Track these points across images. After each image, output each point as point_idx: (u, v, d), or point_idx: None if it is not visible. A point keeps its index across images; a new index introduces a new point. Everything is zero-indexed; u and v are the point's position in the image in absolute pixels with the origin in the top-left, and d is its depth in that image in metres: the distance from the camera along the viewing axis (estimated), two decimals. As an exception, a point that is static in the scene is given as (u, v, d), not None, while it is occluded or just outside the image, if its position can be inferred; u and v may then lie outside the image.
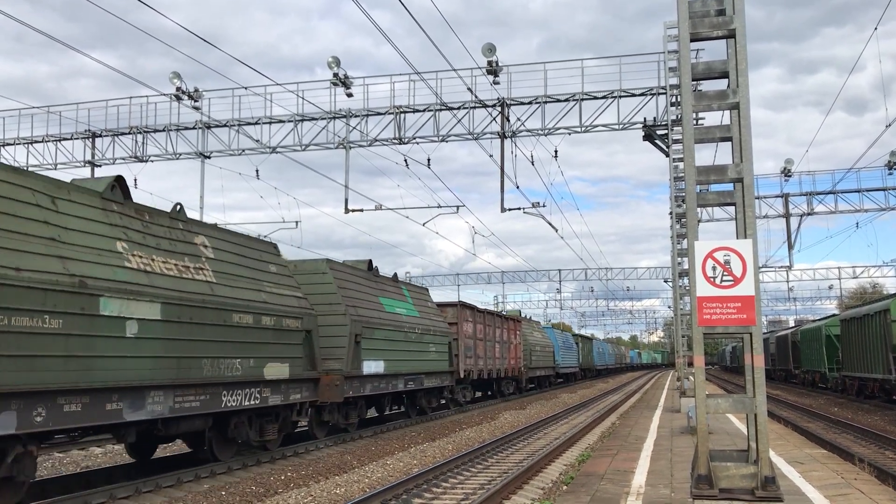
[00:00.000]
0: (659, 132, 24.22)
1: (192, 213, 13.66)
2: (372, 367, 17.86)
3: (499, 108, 24.79)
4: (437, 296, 46.78)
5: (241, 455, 13.93)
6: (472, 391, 29.41)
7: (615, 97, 24.24)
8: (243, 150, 27.14)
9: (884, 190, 33.41)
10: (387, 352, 18.77)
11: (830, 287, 74.14)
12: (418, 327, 21.33)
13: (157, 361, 10.59)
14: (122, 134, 28.16)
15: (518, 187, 25.89)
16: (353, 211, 26.33)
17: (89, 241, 9.88)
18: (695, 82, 7.49)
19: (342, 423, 17.53)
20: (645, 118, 24.22)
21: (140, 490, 10.87)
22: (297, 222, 29.57)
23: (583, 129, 24.56)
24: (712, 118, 23.87)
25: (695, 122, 23.44)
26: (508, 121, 24.74)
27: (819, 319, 46.43)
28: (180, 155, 27.82)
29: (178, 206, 12.45)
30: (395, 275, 22.14)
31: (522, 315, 50.13)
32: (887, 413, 24.86)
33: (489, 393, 36.19)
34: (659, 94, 23.97)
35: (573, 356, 57.11)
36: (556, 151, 26.19)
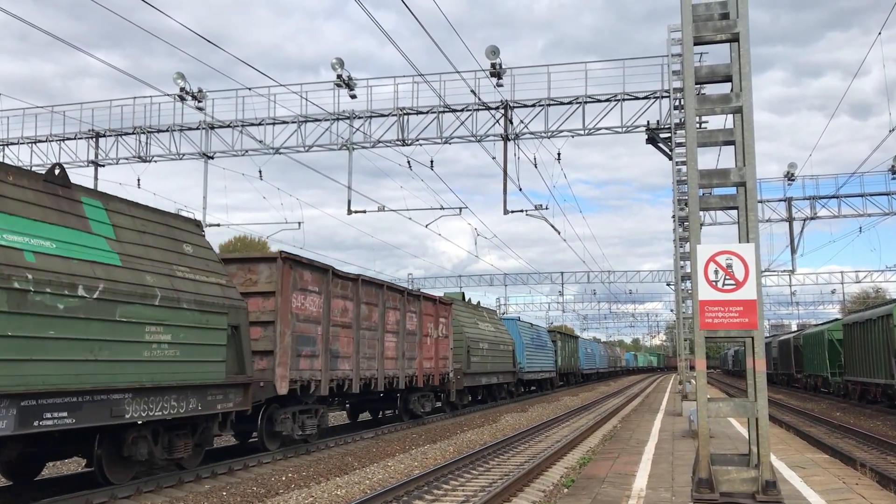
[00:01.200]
0: (662, 135, 24.22)
1: (195, 214, 13.36)
2: None
3: (502, 111, 24.80)
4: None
5: (243, 456, 13.94)
6: (318, 416, 16.31)
7: (618, 100, 24.24)
8: (247, 151, 27.18)
9: (887, 194, 33.40)
10: None
11: (833, 291, 74.04)
12: (89, 287, 9.57)
13: None
14: (126, 134, 28.21)
15: (521, 189, 25.92)
16: (356, 212, 26.37)
17: None
18: (698, 86, 7.49)
19: None
20: (648, 121, 24.22)
21: (141, 490, 10.88)
22: (299, 223, 29.61)
23: (586, 131, 24.57)
24: (716, 121, 23.90)
25: (698, 125, 23.45)
26: (511, 123, 24.75)
27: (822, 324, 46.38)
28: (184, 155, 27.86)
29: None
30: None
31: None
32: (889, 418, 24.81)
33: (387, 414, 24.17)
34: (662, 97, 23.97)
35: (547, 357, 44.87)
36: (559, 154, 26.25)
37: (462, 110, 25.15)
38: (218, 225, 28.40)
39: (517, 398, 37.30)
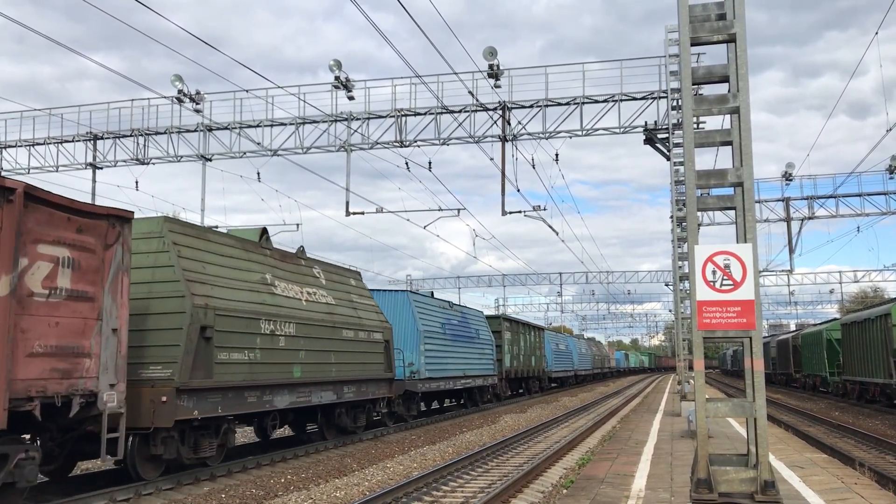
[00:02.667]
0: (660, 136, 24.23)
1: (193, 216, 12.99)
2: None
3: (500, 112, 24.81)
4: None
5: (241, 458, 13.93)
6: None
7: (616, 101, 24.26)
8: (244, 153, 27.17)
9: (885, 194, 33.44)
10: None
11: (832, 291, 74.13)
12: None
13: None
14: (124, 136, 28.19)
15: (519, 190, 25.91)
16: (355, 214, 26.36)
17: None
18: (695, 86, 7.50)
19: None
20: (646, 122, 24.23)
21: (140, 493, 10.87)
22: (297, 225, 29.56)
23: (584, 132, 24.58)
24: (713, 122, 23.91)
25: (695, 125, 23.52)
26: (509, 124, 24.76)
27: (820, 324, 46.42)
28: (182, 157, 27.84)
29: None
30: None
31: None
32: (888, 417, 24.83)
33: None
34: (660, 97, 23.98)
35: (481, 355, 29.86)
36: (556, 155, 26.23)
37: (460, 111, 25.16)
38: (216, 227, 28.37)
39: (406, 426, 21.56)
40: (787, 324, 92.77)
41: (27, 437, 10.24)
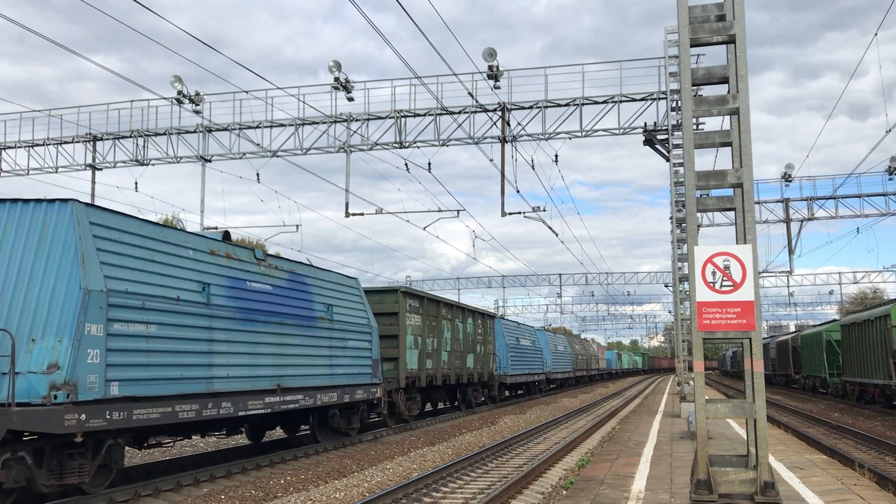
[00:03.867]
0: (659, 137, 24.23)
1: (193, 217, 12.70)
2: None
3: (499, 113, 24.81)
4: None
5: (241, 459, 13.92)
6: None
7: (616, 102, 24.26)
8: (244, 154, 27.16)
9: (884, 195, 33.44)
10: None
11: (831, 292, 74.15)
12: None
13: None
14: (124, 137, 28.18)
15: (518, 192, 25.89)
16: (354, 215, 26.34)
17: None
18: (695, 87, 7.50)
19: None
20: (645, 123, 24.22)
21: (139, 493, 10.87)
22: (297, 226, 29.52)
23: (583, 133, 24.58)
24: (713, 123, 23.89)
25: (695, 127, 23.49)
26: (509, 125, 24.76)
27: (820, 325, 46.42)
28: (181, 158, 27.83)
29: None
30: None
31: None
32: (888, 418, 24.83)
33: None
34: (659, 98, 23.98)
35: (335, 352, 16.42)
36: (556, 156, 26.24)
37: (459, 112, 25.16)
38: (216, 228, 28.37)
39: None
40: (787, 325, 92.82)
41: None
